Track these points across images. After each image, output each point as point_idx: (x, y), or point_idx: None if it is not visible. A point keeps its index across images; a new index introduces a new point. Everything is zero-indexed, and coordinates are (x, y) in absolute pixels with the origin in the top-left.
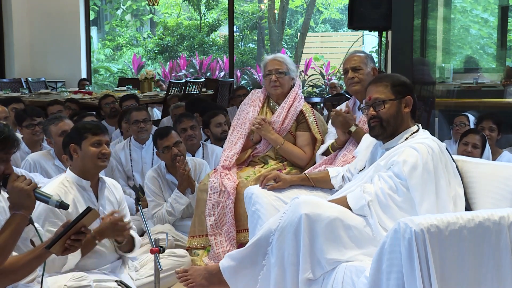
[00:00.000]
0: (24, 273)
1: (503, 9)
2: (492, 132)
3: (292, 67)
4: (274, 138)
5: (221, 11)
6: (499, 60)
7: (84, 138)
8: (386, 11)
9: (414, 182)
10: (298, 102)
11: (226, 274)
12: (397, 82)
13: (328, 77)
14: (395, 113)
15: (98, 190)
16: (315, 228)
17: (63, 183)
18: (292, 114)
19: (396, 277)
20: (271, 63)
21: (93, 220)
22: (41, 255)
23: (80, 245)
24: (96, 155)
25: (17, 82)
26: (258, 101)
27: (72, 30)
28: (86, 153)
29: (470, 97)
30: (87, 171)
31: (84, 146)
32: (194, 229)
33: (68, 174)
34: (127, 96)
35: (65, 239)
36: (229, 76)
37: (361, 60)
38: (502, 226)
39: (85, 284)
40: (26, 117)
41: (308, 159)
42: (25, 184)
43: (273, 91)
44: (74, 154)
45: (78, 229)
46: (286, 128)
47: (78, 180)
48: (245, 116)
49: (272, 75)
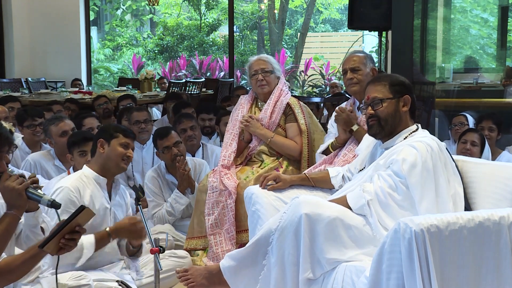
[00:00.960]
0: (20, 273)
1: (503, 9)
2: (492, 132)
3: (276, 66)
4: (263, 133)
5: (220, 11)
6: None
7: (115, 136)
8: (386, 11)
9: (414, 181)
10: (284, 97)
11: (227, 274)
12: (395, 82)
13: (328, 77)
14: (393, 112)
15: (112, 189)
16: (315, 228)
17: (81, 178)
18: (279, 108)
19: (396, 277)
20: (256, 63)
21: (88, 218)
22: (36, 255)
23: (75, 244)
24: (122, 156)
25: (17, 82)
26: (246, 103)
27: (72, 30)
28: (113, 150)
29: (470, 97)
30: (108, 169)
31: (113, 144)
32: (193, 230)
33: (85, 170)
34: (124, 96)
35: (59, 238)
36: (229, 76)
37: (360, 61)
38: (502, 226)
39: (85, 283)
40: (27, 118)
41: (300, 148)
42: (16, 184)
43: (260, 90)
44: (100, 149)
45: (73, 228)
46: (275, 122)
47: (96, 177)
48: (236, 118)
49: (258, 74)
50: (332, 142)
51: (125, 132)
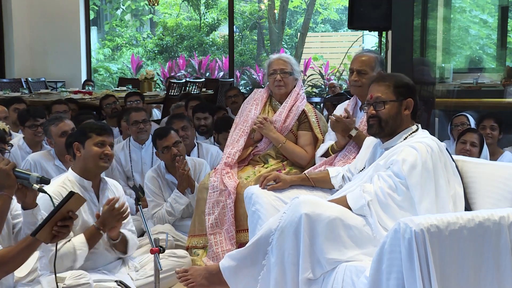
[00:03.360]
0: (15, 264)
1: (503, 9)
2: (494, 130)
3: (296, 68)
4: (276, 137)
5: (220, 11)
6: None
7: (88, 137)
8: (386, 11)
9: (414, 181)
10: (300, 102)
11: (226, 274)
12: (400, 83)
13: (327, 77)
14: (394, 114)
15: (99, 191)
16: (315, 228)
17: (64, 183)
18: (294, 113)
19: (396, 277)
20: (276, 62)
21: (79, 204)
22: (31, 244)
23: (68, 231)
24: (99, 155)
25: (17, 82)
26: (260, 100)
27: (72, 30)
28: (88, 152)
29: (470, 97)
30: (89, 171)
31: (87, 145)
32: (194, 228)
33: (69, 174)
34: (132, 92)
35: (51, 225)
36: (229, 76)
37: (369, 64)
38: (502, 226)
39: (84, 282)
40: (29, 118)
41: (309, 158)
42: (3, 164)
43: (276, 90)
44: (77, 153)
45: (64, 215)
46: (288, 127)
47: (80, 180)
48: (247, 114)
49: (277, 74)
50: (332, 145)
51: (98, 130)
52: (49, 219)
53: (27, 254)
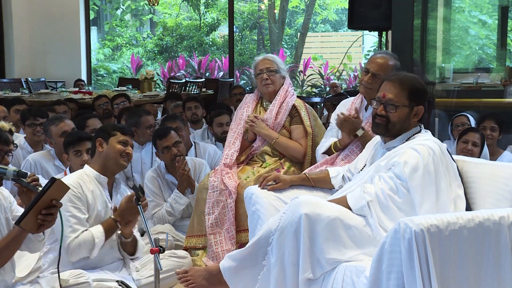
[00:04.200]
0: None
1: (503, 9)
2: (494, 131)
3: (282, 66)
4: (268, 134)
5: (219, 11)
6: (499, 60)
7: (113, 135)
8: (386, 11)
9: (415, 184)
10: (290, 98)
11: (226, 275)
12: (415, 89)
13: (326, 77)
14: (403, 119)
15: (112, 189)
16: (315, 228)
17: (82, 177)
18: (285, 109)
19: (396, 277)
20: (261, 62)
21: (62, 192)
22: (18, 235)
23: (54, 219)
24: (121, 152)
25: (17, 82)
26: (251, 102)
27: (72, 30)
28: (111, 148)
29: (470, 97)
30: (107, 167)
31: (111, 142)
32: (193, 228)
33: (86, 169)
34: (118, 94)
35: (35, 214)
36: (229, 76)
37: (386, 70)
38: (502, 226)
39: (83, 281)
40: (29, 117)
41: (304, 151)
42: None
43: (265, 89)
44: (99, 148)
45: (48, 203)
46: (280, 123)
47: (97, 176)
48: (240, 117)
49: (263, 73)
50: (335, 142)
51: (123, 130)
52: (32, 206)
53: (16, 246)
